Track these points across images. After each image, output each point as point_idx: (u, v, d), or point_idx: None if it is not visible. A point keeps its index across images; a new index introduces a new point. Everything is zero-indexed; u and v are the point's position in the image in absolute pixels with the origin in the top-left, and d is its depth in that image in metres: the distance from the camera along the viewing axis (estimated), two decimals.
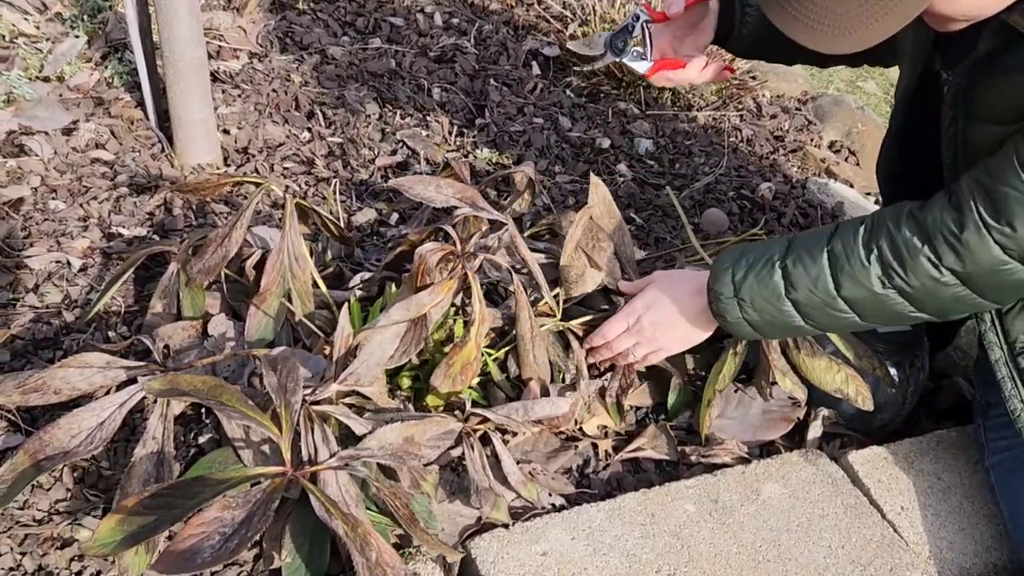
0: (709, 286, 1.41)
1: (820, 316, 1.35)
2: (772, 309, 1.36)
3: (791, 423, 1.59)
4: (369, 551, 1.09)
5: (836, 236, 1.33)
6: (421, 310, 1.34)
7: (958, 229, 1.22)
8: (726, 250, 1.44)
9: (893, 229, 1.28)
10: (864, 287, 1.29)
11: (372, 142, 2.13)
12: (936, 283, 1.25)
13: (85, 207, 1.76)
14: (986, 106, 1.27)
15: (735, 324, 1.41)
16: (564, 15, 2.79)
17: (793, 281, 1.33)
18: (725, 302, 1.39)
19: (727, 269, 1.39)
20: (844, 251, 1.30)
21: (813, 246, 1.33)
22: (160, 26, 1.79)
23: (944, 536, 1.44)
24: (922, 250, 1.24)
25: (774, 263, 1.35)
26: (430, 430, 1.26)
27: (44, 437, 1.20)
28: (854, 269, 1.29)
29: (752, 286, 1.36)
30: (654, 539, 1.33)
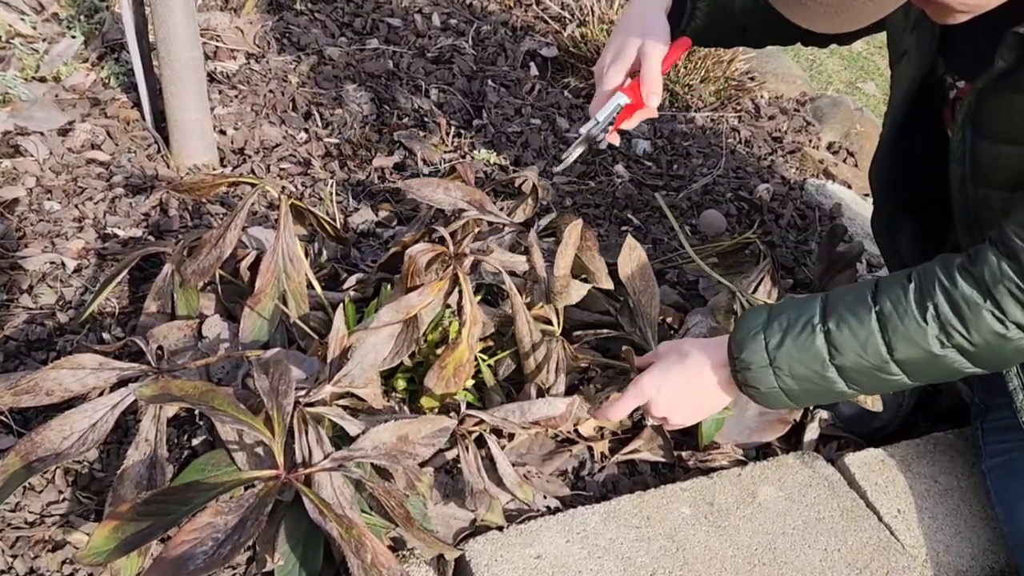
0: (734, 355, 1.29)
1: (867, 381, 1.25)
2: (815, 377, 1.24)
3: (787, 425, 1.58)
4: (364, 552, 1.09)
5: (882, 294, 1.22)
6: (411, 311, 1.33)
7: (1021, 279, 1.14)
8: (746, 314, 1.32)
9: (948, 284, 1.18)
10: (921, 348, 1.19)
11: (369, 143, 2.12)
12: (1001, 339, 1.17)
13: (80, 208, 1.76)
14: (1001, 124, 1.23)
15: (768, 394, 1.28)
16: (562, 16, 2.79)
17: (839, 346, 1.22)
18: (757, 372, 1.26)
19: (756, 335, 1.27)
20: (896, 311, 1.20)
21: (858, 306, 1.23)
22: (156, 26, 1.79)
23: (941, 539, 1.44)
24: (984, 306, 1.16)
25: (815, 327, 1.24)
26: (424, 428, 1.25)
27: (36, 439, 1.19)
28: (909, 330, 1.19)
29: (790, 353, 1.24)
30: (649, 542, 1.33)
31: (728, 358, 1.30)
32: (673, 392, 1.35)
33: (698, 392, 1.35)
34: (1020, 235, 1.15)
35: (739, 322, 1.31)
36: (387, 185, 2.00)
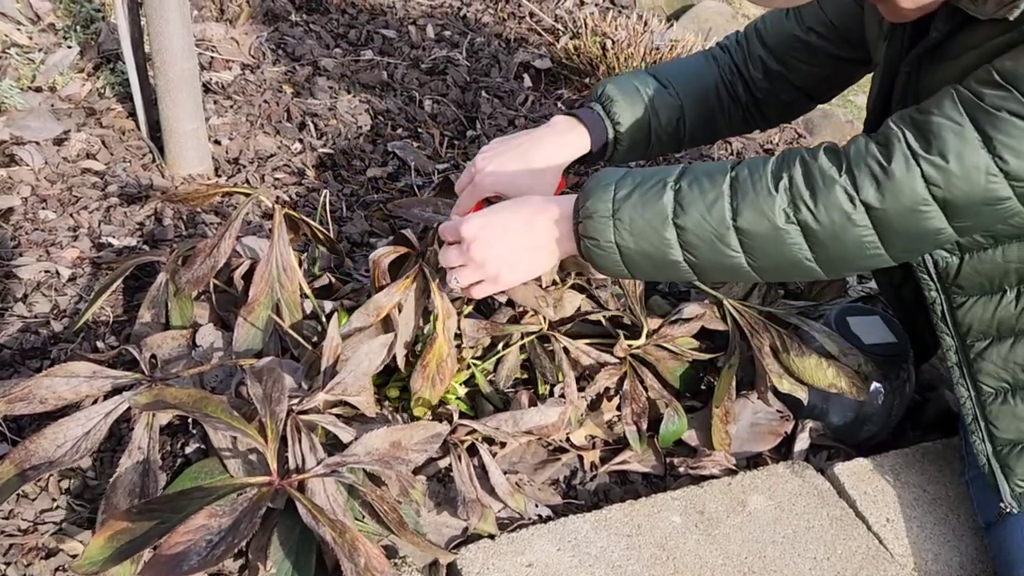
0: (581, 203, 1.23)
1: (703, 250, 1.20)
2: (652, 236, 1.20)
3: (779, 437, 1.59)
4: (357, 557, 1.09)
5: (742, 164, 1.20)
6: (380, 312, 1.34)
7: (885, 160, 1.12)
8: (605, 168, 1.28)
9: (809, 158, 1.17)
10: (765, 218, 1.16)
11: (363, 153, 2.14)
12: (846, 219, 1.14)
13: (75, 217, 1.77)
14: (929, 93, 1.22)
15: (604, 249, 1.22)
16: (555, 28, 2.81)
17: (685, 204, 1.18)
18: (599, 221, 1.21)
19: (608, 186, 1.22)
20: (751, 178, 1.17)
21: (715, 170, 1.20)
22: (152, 37, 1.80)
23: (929, 548, 1.45)
24: (839, 180, 1.14)
25: (666, 183, 1.20)
26: (417, 434, 1.26)
27: (30, 446, 1.20)
28: (759, 196, 1.16)
29: (635, 205, 1.20)
30: (640, 551, 1.34)
31: (574, 210, 1.25)
32: (501, 232, 1.27)
33: (528, 238, 1.28)
34: (899, 123, 1.15)
35: (595, 174, 1.27)
36: (381, 195, 2.01)
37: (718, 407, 1.53)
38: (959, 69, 1.19)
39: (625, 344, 1.56)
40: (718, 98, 1.62)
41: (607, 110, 1.52)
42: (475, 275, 1.29)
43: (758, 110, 1.65)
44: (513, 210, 1.29)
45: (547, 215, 1.27)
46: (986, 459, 1.38)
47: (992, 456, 1.38)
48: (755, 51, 1.61)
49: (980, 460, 1.39)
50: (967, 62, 1.18)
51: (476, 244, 1.26)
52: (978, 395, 1.39)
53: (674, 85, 1.58)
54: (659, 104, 1.55)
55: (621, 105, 1.52)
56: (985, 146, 1.09)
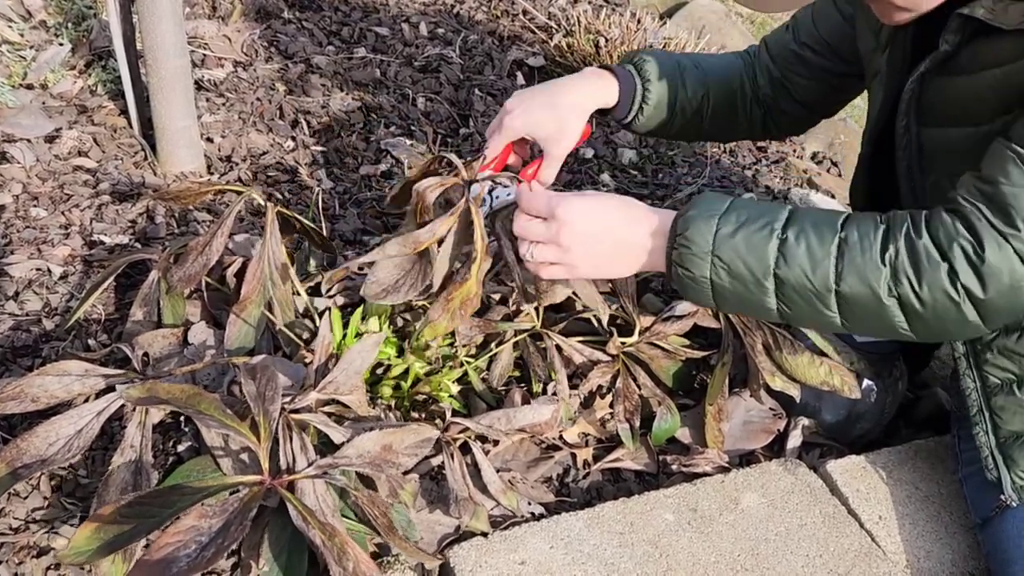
0: (678, 231, 1.20)
1: (800, 305, 1.18)
2: (750, 280, 1.18)
3: (771, 435, 1.60)
4: (346, 561, 1.09)
5: (851, 224, 1.16)
6: (419, 246, 1.30)
7: (978, 245, 1.11)
8: (708, 195, 1.24)
9: (914, 234, 1.14)
10: (869, 288, 1.14)
11: (356, 151, 2.13)
12: (948, 301, 1.13)
13: (67, 215, 1.76)
14: (944, 108, 1.23)
15: (697, 283, 1.21)
16: (549, 26, 2.81)
17: (788, 257, 1.16)
18: (697, 255, 1.19)
19: (710, 219, 1.19)
20: (860, 243, 1.14)
21: (824, 226, 1.16)
22: (144, 34, 1.80)
23: (922, 545, 1.45)
24: (941, 263, 1.12)
25: (773, 230, 1.17)
26: (408, 438, 1.26)
27: (21, 445, 1.19)
28: (865, 265, 1.14)
29: (737, 248, 1.17)
30: (632, 548, 1.34)
31: (671, 231, 1.22)
32: (598, 225, 1.25)
33: (621, 241, 1.26)
34: (970, 199, 1.13)
35: (697, 199, 1.23)
36: (374, 193, 2.01)
37: (711, 405, 1.53)
38: (979, 86, 1.16)
39: (618, 342, 1.56)
40: (742, 92, 1.65)
41: (638, 69, 1.55)
42: (553, 256, 1.27)
43: (771, 118, 1.68)
44: (616, 208, 1.26)
45: (646, 225, 1.24)
46: (989, 451, 1.38)
47: (995, 448, 1.38)
48: (763, 61, 1.64)
49: (983, 452, 1.38)
50: (989, 80, 1.15)
51: (567, 228, 1.23)
52: (984, 386, 1.39)
53: (704, 68, 1.61)
54: (688, 78, 1.59)
55: (652, 67, 1.56)
56: None
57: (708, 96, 1.61)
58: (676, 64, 1.59)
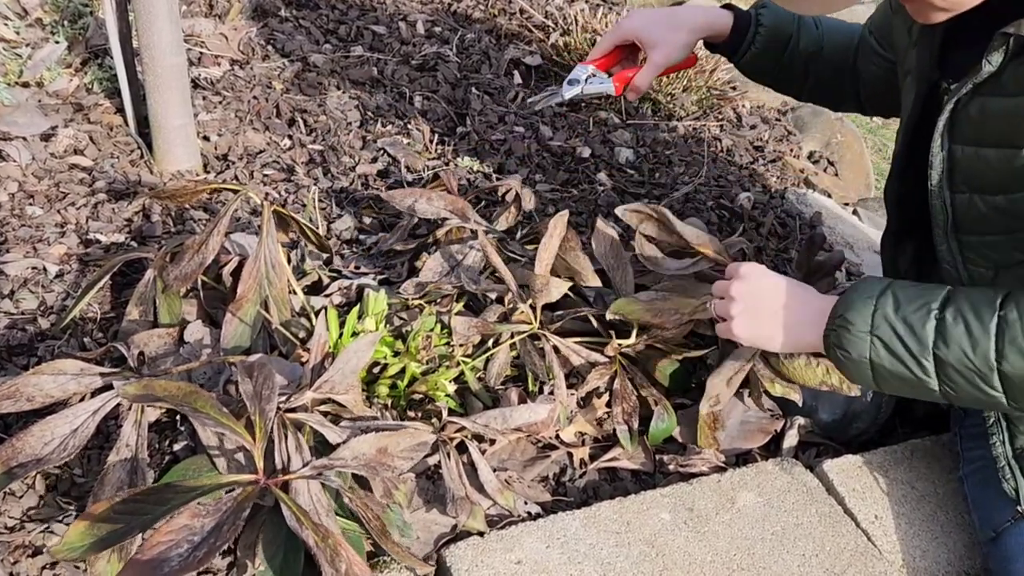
0: (838, 311, 1.24)
1: (961, 385, 1.18)
2: (909, 360, 1.19)
3: (768, 435, 1.59)
4: (339, 562, 1.09)
5: (1010, 301, 1.16)
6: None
7: None
8: (867, 279, 1.28)
9: None
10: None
11: (353, 150, 2.13)
12: None
13: (63, 213, 1.76)
14: (985, 129, 1.22)
15: (855, 363, 1.23)
16: (546, 24, 2.81)
17: (947, 337, 1.16)
18: (855, 335, 1.22)
19: (868, 299, 1.22)
20: (1020, 320, 1.13)
21: (982, 305, 1.16)
22: (140, 32, 1.79)
23: (918, 545, 1.45)
24: None
25: (930, 310, 1.18)
26: (404, 441, 1.26)
27: (17, 444, 1.19)
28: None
29: (896, 327, 1.19)
30: (629, 547, 1.34)
31: (831, 312, 1.26)
32: (766, 288, 1.33)
33: (782, 311, 1.32)
34: None
35: (856, 283, 1.27)
36: (370, 192, 2.00)
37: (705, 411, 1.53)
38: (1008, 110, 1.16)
39: (616, 344, 1.56)
40: (855, 58, 1.68)
41: (757, 11, 1.62)
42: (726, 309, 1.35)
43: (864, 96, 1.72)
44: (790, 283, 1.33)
45: (812, 306, 1.30)
46: (1005, 461, 1.37)
47: (1012, 458, 1.37)
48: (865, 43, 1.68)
49: (999, 463, 1.37)
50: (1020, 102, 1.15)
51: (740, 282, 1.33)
52: None
53: (824, 27, 1.67)
54: (804, 31, 1.66)
55: (770, 11, 1.62)
56: None
57: (821, 54, 1.67)
58: (794, 17, 1.65)
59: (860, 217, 2.50)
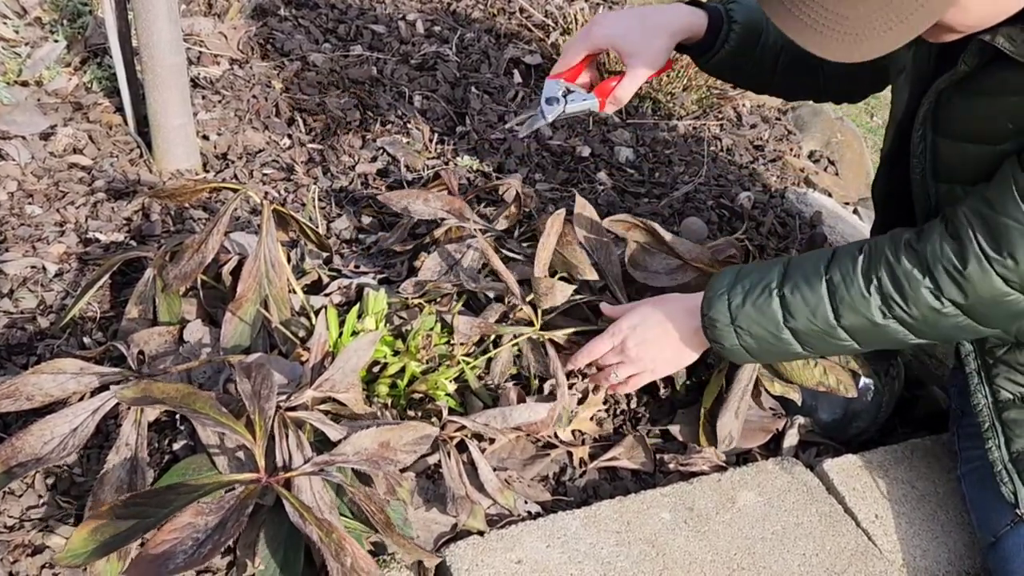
0: (703, 312, 1.39)
1: (819, 344, 1.34)
2: (770, 337, 1.34)
3: (769, 434, 1.59)
4: (344, 556, 1.09)
5: (834, 264, 1.30)
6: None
7: (960, 263, 1.20)
8: (719, 273, 1.41)
9: (892, 260, 1.26)
10: (864, 317, 1.28)
11: (352, 149, 2.13)
12: (937, 314, 1.24)
13: (62, 212, 1.75)
14: (961, 124, 1.26)
15: (732, 351, 1.39)
16: (546, 23, 2.80)
17: (792, 310, 1.31)
18: (721, 329, 1.36)
19: (722, 295, 1.37)
20: (843, 281, 1.28)
21: (811, 274, 1.31)
22: (139, 31, 1.79)
23: (918, 544, 1.45)
24: (923, 282, 1.23)
25: (771, 291, 1.33)
26: (406, 435, 1.25)
27: (16, 444, 1.19)
28: (854, 300, 1.28)
29: (749, 314, 1.34)
30: (629, 547, 1.33)
31: (700, 314, 1.39)
32: (648, 334, 1.45)
33: (672, 338, 1.45)
34: (969, 217, 1.21)
35: (711, 281, 1.41)
36: (370, 191, 2.00)
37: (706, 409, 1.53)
38: (995, 109, 1.20)
39: None
40: None
41: (727, 8, 1.56)
42: (632, 369, 1.48)
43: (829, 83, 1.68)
44: (654, 310, 1.46)
45: (683, 314, 1.44)
46: (1002, 465, 1.38)
47: (1008, 462, 1.37)
48: None
49: (996, 467, 1.38)
50: (1005, 105, 1.19)
51: (632, 345, 1.45)
52: (995, 401, 1.40)
53: None
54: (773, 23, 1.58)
55: (741, 6, 1.56)
56: None
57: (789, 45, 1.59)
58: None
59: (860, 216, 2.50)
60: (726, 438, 1.52)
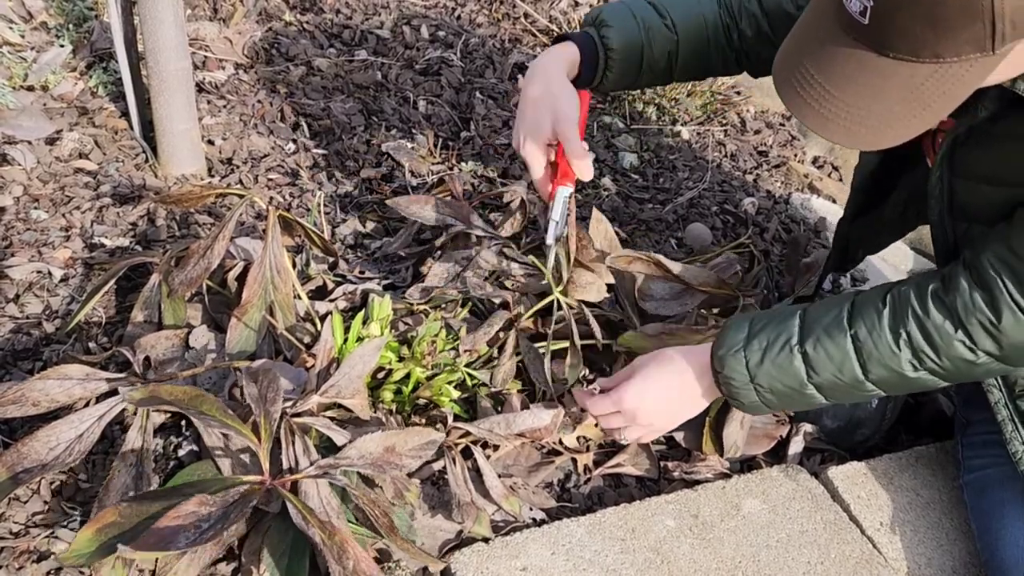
0: (716, 370, 1.35)
1: (844, 395, 1.32)
2: (793, 393, 1.31)
3: (773, 441, 1.59)
4: (346, 560, 1.09)
5: (857, 318, 1.27)
6: None
7: (994, 315, 1.19)
8: (729, 326, 1.36)
9: (921, 313, 1.24)
10: (894, 371, 1.26)
11: (357, 154, 2.13)
12: (971, 364, 1.23)
13: (67, 217, 1.76)
14: (979, 167, 1.27)
15: (752, 406, 1.35)
16: (550, 29, 2.81)
17: (816, 367, 1.28)
18: (741, 388, 1.33)
19: (737, 352, 1.32)
20: (870, 336, 1.25)
21: (833, 328, 1.28)
22: (145, 36, 1.79)
23: (923, 552, 1.45)
24: (955, 335, 1.21)
25: (792, 348, 1.29)
26: (411, 440, 1.26)
27: (22, 450, 1.19)
28: (883, 356, 1.25)
29: (770, 372, 1.30)
30: (634, 554, 1.33)
31: (712, 371, 1.36)
32: (657, 401, 1.40)
33: (681, 401, 1.42)
34: (995, 266, 1.19)
35: (721, 336, 1.36)
36: (375, 196, 2.00)
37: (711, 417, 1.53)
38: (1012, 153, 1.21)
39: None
40: (715, 36, 1.59)
41: (601, 36, 1.52)
42: (639, 432, 1.45)
43: (747, 60, 1.64)
44: (658, 372, 1.41)
45: (689, 373, 1.39)
46: None
47: None
48: (752, 11, 1.58)
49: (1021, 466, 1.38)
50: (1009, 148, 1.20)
51: (638, 414, 1.41)
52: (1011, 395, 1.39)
53: (672, 16, 1.56)
54: (654, 34, 1.54)
55: (614, 31, 1.51)
56: None
57: (676, 52, 1.57)
58: (639, 23, 1.53)
59: None
60: (731, 447, 1.52)
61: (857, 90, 1.01)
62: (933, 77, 0.97)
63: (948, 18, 0.91)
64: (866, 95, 1.01)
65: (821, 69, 1.04)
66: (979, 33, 0.91)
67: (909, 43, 0.95)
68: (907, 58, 0.96)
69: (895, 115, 1.01)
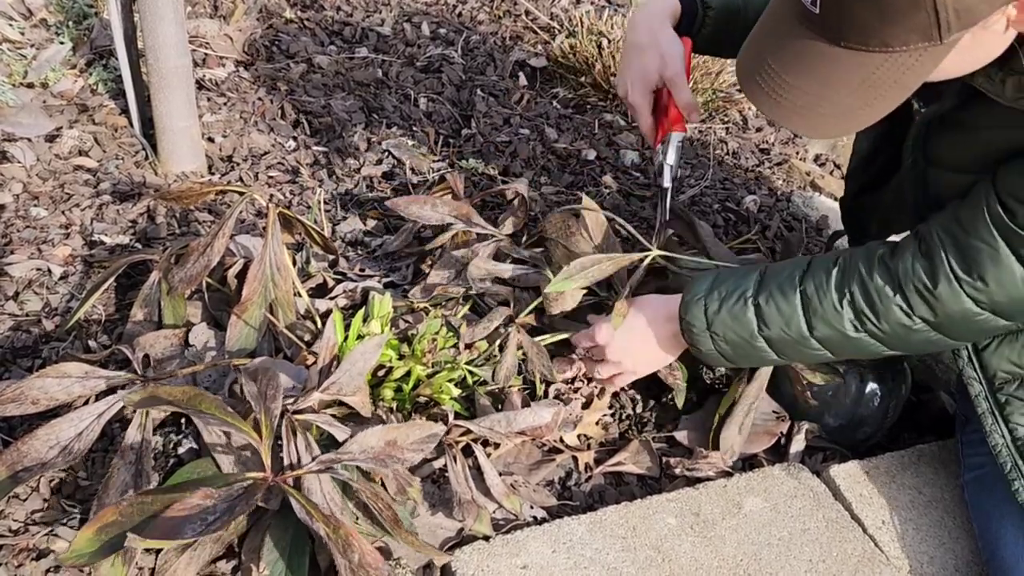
0: (681, 315, 1.42)
1: (792, 352, 1.38)
2: (745, 345, 1.38)
3: (774, 437, 1.59)
4: (351, 553, 1.09)
5: (808, 276, 1.33)
6: None
7: (931, 282, 1.23)
8: (698, 277, 1.44)
9: (866, 276, 1.29)
10: (836, 330, 1.32)
11: (358, 151, 2.12)
12: (908, 329, 1.28)
13: (67, 214, 1.75)
14: (948, 155, 1.31)
15: (708, 355, 1.42)
16: (551, 26, 2.80)
17: (766, 320, 1.35)
18: (699, 334, 1.40)
19: (699, 300, 1.39)
20: (817, 293, 1.32)
21: (786, 284, 1.34)
22: (145, 33, 1.79)
23: (925, 550, 1.45)
24: (894, 299, 1.27)
25: (747, 300, 1.36)
26: (413, 434, 1.25)
27: (22, 448, 1.19)
28: (827, 313, 1.31)
29: (725, 321, 1.37)
30: (635, 552, 1.33)
31: (679, 318, 1.42)
32: (627, 340, 1.47)
33: (651, 340, 1.49)
34: (940, 236, 1.23)
35: (688, 285, 1.43)
36: (375, 194, 2.00)
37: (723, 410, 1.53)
38: (978, 142, 1.23)
39: None
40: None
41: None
42: (613, 369, 1.51)
43: None
44: (633, 316, 1.48)
45: (662, 319, 1.47)
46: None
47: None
48: None
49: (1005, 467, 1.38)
50: (991, 137, 1.21)
51: (610, 349, 1.48)
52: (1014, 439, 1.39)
53: None
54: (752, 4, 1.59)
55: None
56: (1020, 262, 1.18)
57: None
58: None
59: None
60: (728, 451, 1.52)
61: (814, 80, 1.06)
62: (884, 66, 1.00)
63: (893, 6, 0.95)
64: (822, 84, 1.05)
65: (779, 60, 1.08)
66: (924, 21, 0.94)
67: (858, 32, 0.99)
68: (858, 47, 1.00)
69: (850, 104, 1.06)
